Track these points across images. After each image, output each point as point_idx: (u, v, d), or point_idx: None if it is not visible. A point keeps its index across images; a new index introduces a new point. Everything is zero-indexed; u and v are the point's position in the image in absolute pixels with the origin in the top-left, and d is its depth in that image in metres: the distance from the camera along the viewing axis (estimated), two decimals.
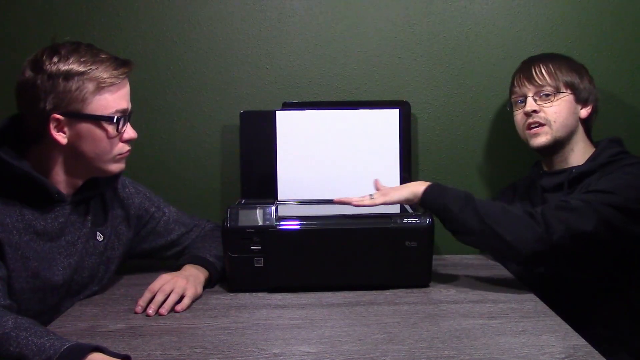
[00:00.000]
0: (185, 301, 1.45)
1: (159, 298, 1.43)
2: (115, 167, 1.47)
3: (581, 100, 1.71)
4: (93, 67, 1.38)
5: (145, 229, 1.66)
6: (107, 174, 1.47)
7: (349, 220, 1.61)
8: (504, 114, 1.92)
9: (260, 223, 1.57)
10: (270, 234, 1.56)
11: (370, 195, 1.60)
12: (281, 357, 1.17)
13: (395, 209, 1.73)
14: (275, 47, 2.00)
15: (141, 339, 1.26)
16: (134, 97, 1.98)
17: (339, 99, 2.00)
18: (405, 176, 1.83)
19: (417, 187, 1.57)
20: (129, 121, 1.47)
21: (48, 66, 1.35)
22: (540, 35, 2.00)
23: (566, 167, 1.70)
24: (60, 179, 1.42)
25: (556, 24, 2.00)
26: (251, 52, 2.00)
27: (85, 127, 1.39)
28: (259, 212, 1.59)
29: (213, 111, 2.01)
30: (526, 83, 1.72)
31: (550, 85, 1.69)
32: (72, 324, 1.36)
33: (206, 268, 1.58)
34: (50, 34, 1.92)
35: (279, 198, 1.82)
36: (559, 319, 1.34)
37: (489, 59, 1.99)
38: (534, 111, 1.69)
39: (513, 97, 1.79)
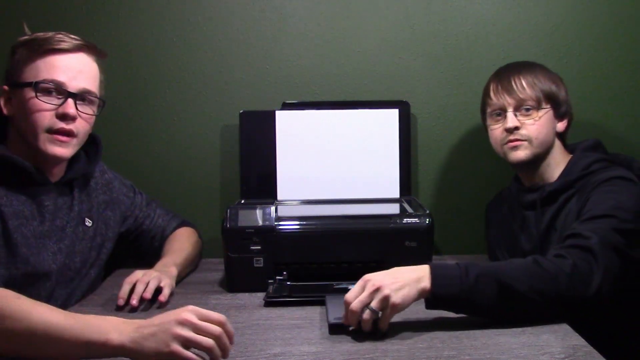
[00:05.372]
0: (166, 291, 1.45)
1: (140, 288, 1.42)
2: (52, 149, 1.39)
3: (559, 115, 1.66)
4: (40, 37, 1.40)
5: (126, 213, 1.68)
6: (46, 155, 1.40)
7: (348, 221, 1.61)
8: None
9: (260, 223, 1.57)
10: (269, 234, 1.56)
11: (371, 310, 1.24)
12: (281, 357, 1.17)
13: (395, 209, 1.73)
14: (275, 47, 2.00)
15: None
16: (134, 97, 2.00)
17: (339, 99, 2.00)
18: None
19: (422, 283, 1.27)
20: (80, 103, 1.41)
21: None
22: (540, 35, 2.00)
23: (541, 183, 1.66)
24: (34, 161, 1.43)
25: (556, 24, 2.00)
26: (251, 52, 2.00)
27: (20, 95, 1.39)
28: (258, 212, 1.59)
29: (213, 111, 2.01)
30: (506, 96, 1.63)
31: (532, 99, 1.61)
32: None
33: (175, 266, 1.59)
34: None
35: (278, 198, 1.82)
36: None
37: (489, 59, 1.99)
38: (516, 128, 1.62)
39: (489, 109, 1.69)
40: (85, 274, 1.53)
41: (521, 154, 1.64)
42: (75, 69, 1.41)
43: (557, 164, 1.66)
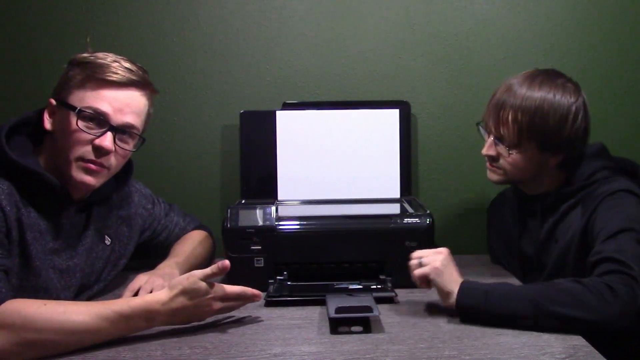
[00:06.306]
0: None
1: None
2: (80, 176, 1.35)
3: (549, 150, 1.54)
4: (96, 62, 1.36)
5: (144, 227, 1.68)
6: (73, 181, 1.36)
7: (349, 221, 1.61)
8: None
9: (260, 223, 1.57)
10: (270, 234, 1.56)
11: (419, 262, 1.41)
12: (281, 357, 1.17)
13: (396, 209, 1.73)
14: (275, 47, 2.00)
15: (141, 339, 1.26)
16: None
17: (339, 99, 2.00)
18: None
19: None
20: (120, 136, 1.37)
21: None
22: (540, 35, 2.00)
23: (539, 192, 1.62)
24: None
25: (556, 24, 2.00)
26: (251, 52, 2.00)
27: (62, 115, 1.35)
28: (258, 212, 1.59)
29: (213, 111, 2.01)
30: (491, 122, 1.57)
31: (511, 139, 1.53)
32: None
33: (178, 268, 1.58)
34: (49, 34, 1.92)
35: (279, 198, 1.82)
36: None
37: (489, 59, 1.99)
38: (491, 157, 1.59)
39: (483, 116, 1.63)
40: (95, 288, 1.53)
41: (494, 177, 1.62)
42: (122, 102, 1.36)
43: (552, 178, 1.60)
